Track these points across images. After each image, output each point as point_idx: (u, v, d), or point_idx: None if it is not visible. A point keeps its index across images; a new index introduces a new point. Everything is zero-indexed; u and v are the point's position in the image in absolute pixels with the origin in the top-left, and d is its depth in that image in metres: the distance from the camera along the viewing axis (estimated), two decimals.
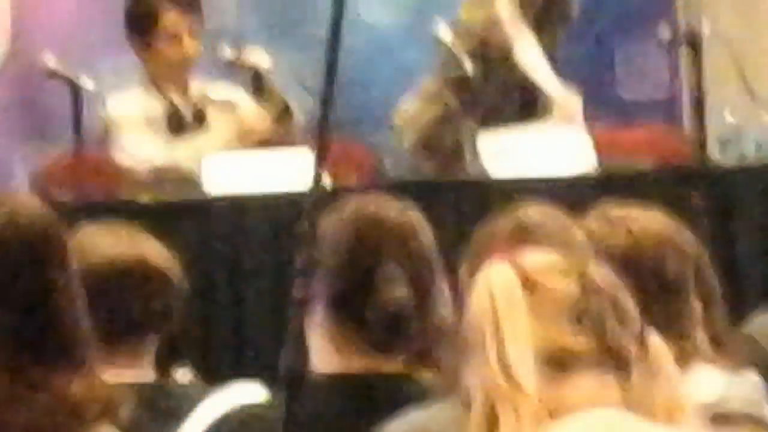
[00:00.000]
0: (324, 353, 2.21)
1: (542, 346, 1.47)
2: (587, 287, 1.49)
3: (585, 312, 1.48)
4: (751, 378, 2.29)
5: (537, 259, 1.54)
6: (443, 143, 4.47)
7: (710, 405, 2.01)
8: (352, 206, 2.24)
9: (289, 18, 5.49)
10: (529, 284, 1.48)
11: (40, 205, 1.96)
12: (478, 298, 1.50)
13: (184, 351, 3.27)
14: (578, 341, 1.45)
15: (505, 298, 1.51)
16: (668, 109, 5.55)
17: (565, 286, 1.50)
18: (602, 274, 1.53)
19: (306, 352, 2.05)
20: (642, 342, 1.53)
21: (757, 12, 6.15)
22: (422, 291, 2.14)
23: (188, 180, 4.45)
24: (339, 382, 2.25)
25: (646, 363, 1.50)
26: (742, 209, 4.30)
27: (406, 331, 2.16)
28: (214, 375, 3.17)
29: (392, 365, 2.20)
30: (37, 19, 5.78)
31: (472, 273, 1.66)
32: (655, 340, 1.54)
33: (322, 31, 1.73)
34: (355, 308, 2.15)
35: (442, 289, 2.19)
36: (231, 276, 4.25)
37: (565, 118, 4.53)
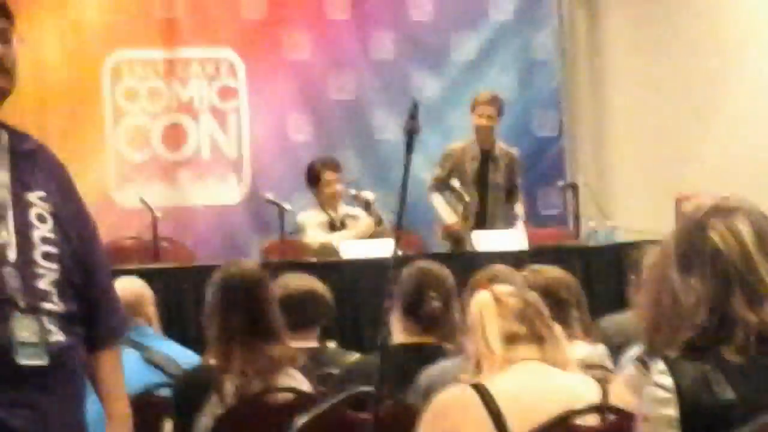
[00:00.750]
0: (398, 333, 3.76)
1: (503, 331, 2.76)
2: (525, 302, 2.80)
3: (523, 314, 2.78)
4: (600, 348, 3.86)
5: (501, 288, 2.88)
6: (456, 236, 7.05)
7: (582, 359, 3.38)
8: (412, 265, 3.96)
9: (382, 175, 8.02)
10: (497, 301, 2.79)
11: (256, 265, 4.17)
12: (473, 308, 2.81)
13: (331, 333, 4.90)
14: (520, 329, 2.76)
15: (485, 308, 2.79)
16: (562, 220, 8.34)
17: (514, 302, 2.79)
18: (532, 296, 2.86)
19: (390, 333, 3.59)
20: (550, 329, 2.83)
21: (607, 169, 8.59)
22: (447, 305, 3.75)
23: (335, 251, 6.96)
24: (405, 348, 3.75)
25: (553, 339, 2.84)
26: (598, 267, 6.67)
27: (438, 324, 3.73)
28: (346, 345, 4.90)
29: (431, 340, 3.75)
30: (263, 170, 8.39)
31: (470, 296, 3.00)
32: (557, 328, 2.85)
33: (398, 179, 2.85)
34: (416, 312, 3.74)
35: (457, 304, 3.67)
36: (354, 297, 6.39)
37: (516, 226, 7.07)
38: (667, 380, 2.41)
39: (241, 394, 3.96)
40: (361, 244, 6.88)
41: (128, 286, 4.62)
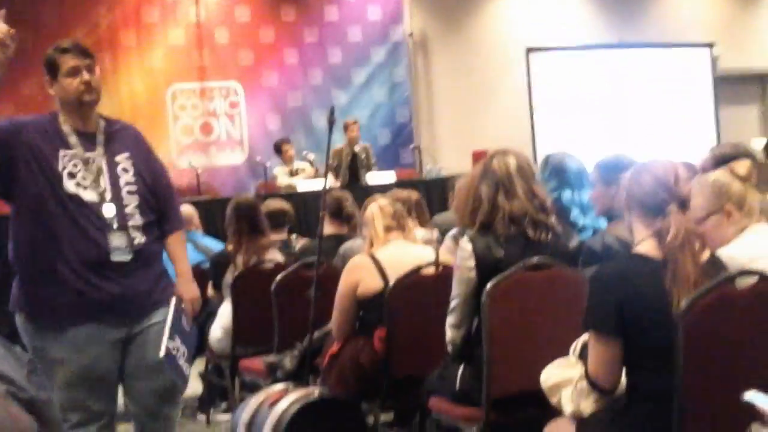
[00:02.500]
0: (328, 228, 4.96)
1: (383, 224, 4.07)
2: (394, 207, 4.12)
3: (393, 215, 4.10)
4: (435, 232, 4.96)
5: (382, 201, 4.41)
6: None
7: (423, 238, 4.72)
8: (334, 192, 5.37)
9: (317, 145, 9.97)
10: (380, 208, 4.16)
11: (252, 196, 6.53)
12: (368, 212, 4.15)
13: (293, 230, 5.51)
14: (392, 223, 4.10)
15: (375, 211, 4.12)
16: (413, 166, 10.36)
17: (388, 208, 4.14)
18: (397, 205, 4.17)
19: (323, 228, 4.31)
20: (408, 222, 4.23)
21: (435, 137, 11.03)
22: (353, 211, 5.07)
23: (294, 188, 8.89)
24: (332, 236, 4.96)
25: (410, 228, 4.22)
26: (432, 189, 8.82)
27: (350, 221, 5.15)
28: (301, 235, 5.69)
29: (346, 231, 5.08)
30: (254, 146, 10.25)
31: (366, 207, 4.21)
32: (412, 222, 4.39)
33: (324, 147, 6.58)
34: (338, 215, 5.14)
35: (358, 212, 4.79)
36: (305, 210, 8.04)
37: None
38: (468, 246, 3.29)
39: (245, 265, 4.96)
40: (307, 183, 9.22)
41: (185, 209, 5.73)
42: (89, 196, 3.21)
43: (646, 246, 2.69)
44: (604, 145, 10.89)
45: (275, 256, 5.02)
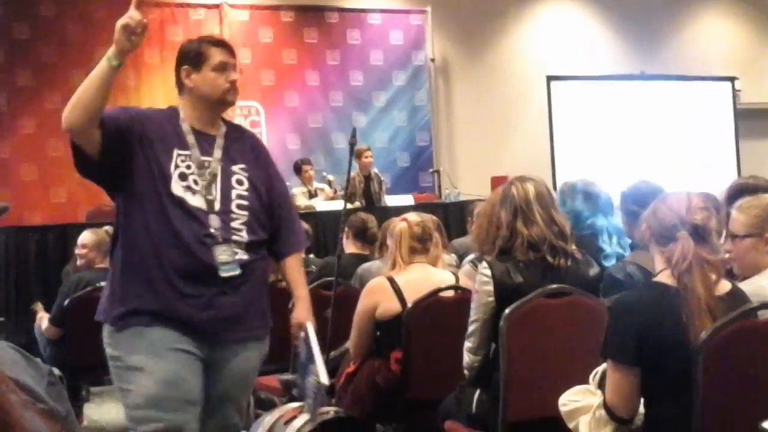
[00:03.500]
0: (349, 247, 5.20)
1: (408, 246, 4.05)
2: (422, 229, 4.08)
3: (419, 237, 4.08)
4: (452, 256, 5.18)
5: (411, 218, 4.24)
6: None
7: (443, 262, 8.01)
8: (357, 214, 5.50)
9: (336, 167, 9.95)
10: (409, 227, 4.07)
11: None
12: (395, 231, 4.07)
13: (312, 250, 6.52)
14: (417, 245, 4.07)
15: (402, 231, 4.04)
16: (432, 189, 10.45)
17: (417, 228, 4.04)
18: (426, 226, 4.06)
19: (343, 248, 4.80)
20: (432, 245, 4.12)
21: (455, 161, 10.93)
22: (377, 232, 5.09)
23: (313, 208, 8.72)
24: (353, 255, 5.08)
25: (433, 251, 4.12)
26: (452, 213, 8.55)
27: (373, 242, 5.14)
28: (319, 255, 6.72)
29: (367, 251, 5.18)
30: None
31: (390, 227, 4.33)
32: (438, 245, 4.20)
33: (345, 168, 6.70)
34: (362, 236, 5.23)
35: (380, 233, 4.91)
36: (323, 231, 8.11)
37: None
38: (488, 271, 3.28)
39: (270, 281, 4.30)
40: (326, 204, 9.15)
41: None
42: (196, 201, 3.00)
43: (664, 276, 2.71)
44: (623, 176, 10.87)
45: None
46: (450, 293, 3.94)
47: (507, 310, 3.26)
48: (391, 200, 9.27)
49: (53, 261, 7.46)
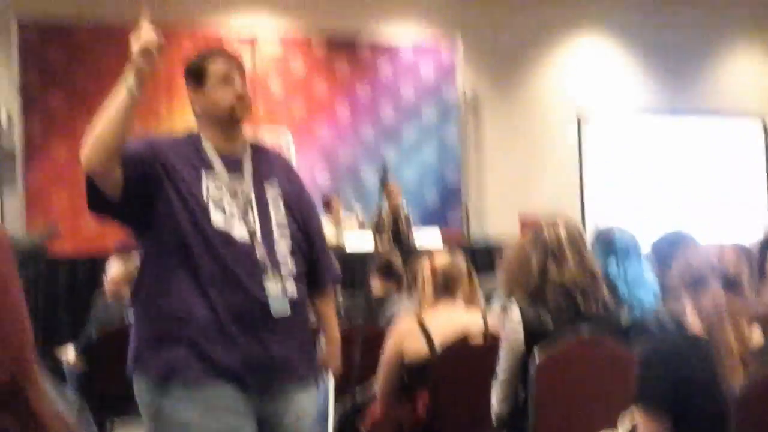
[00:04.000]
0: (375, 287, 5.13)
1: (436, 286, 4.02)
2: (452, 268, 3.99)
3: (448, 277, 4.02)
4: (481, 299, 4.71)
5: (439, 259, 4.11)
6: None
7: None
8: (381, 255, 5.74)
9: (366, 203, 9.71)
10: (433, 267, 4.03)
11: None
12: (422, 271, 4.07)
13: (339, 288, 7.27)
14: (446, 285, 4.00)
15: (425, 270, 4.12)
16: (460, 227, 10.15)
17: (445, 268, 3.98)
18: (455, 266, 4.02)
19: (370, 287, 5.15)
20: (462, 286, 4.06)
21: (484, 201, 10.89)
22: (403, 273, 5.02)
23: (342, 245, 8.41)
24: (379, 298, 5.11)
25: (462, 293, 4.06)
26: (480, 255, 8.11)
27: (400, 281, 5.05)
28: (347, 294, 7.23)
29: (394, 290, 5.11)
30: None
31: (418, 266, 4.12)
32: (472, 286, 4.20)
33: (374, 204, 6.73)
34: (388, 274, 5.19)
35: (408, 273, 4.80)
36: (352, 269, 7.30)
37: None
38: (518, 316, 3.29)
39: None
40: (354, 241, 8.81)
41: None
42: (239, 233, 2.68)
43: (696, 326, 2.71)
44: (653, 214, 10.85)
45: None
46: (479, 338, 3.93)
47: (538, 357, 3.24)
48: (418, 238, 9.08)
49: (82, 292, 7.44)
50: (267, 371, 2.66)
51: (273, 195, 2.79)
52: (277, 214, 2.77)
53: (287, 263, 2.73)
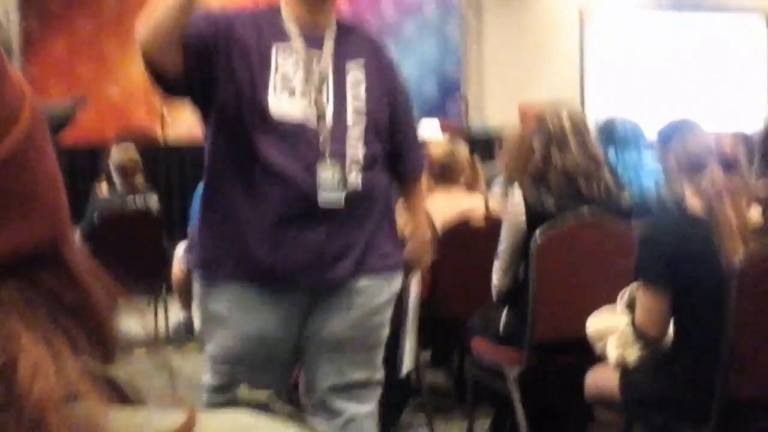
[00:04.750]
0: None
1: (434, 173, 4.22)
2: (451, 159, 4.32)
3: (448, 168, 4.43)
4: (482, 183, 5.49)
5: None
6: None
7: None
8: None
9: None
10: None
11: None
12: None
13: None
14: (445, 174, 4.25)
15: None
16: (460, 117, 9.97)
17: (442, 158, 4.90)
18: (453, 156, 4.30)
19: None
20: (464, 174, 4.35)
21: (484, 91, 11.01)
22: None
23: None
24: None
25: (464, 180, 4.36)
26: (481, 143, 8.31)
27: None
28: None
29: None
30: None
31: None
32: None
33: None
34: None
35: None
36: None
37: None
38: (519, 195, 3.37)
39: None
40: None
41: None
42: (304, 113, 2.44)
43: (695, 207, 2.75)
44: (654, 108, 10.81)
45: None
46: (480, 221, 3.98)
47: (538, 233, 3.30)
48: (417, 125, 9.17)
49: (82, 182, 7.50)
50: (314, 266, 2.46)
51: (355, 76, 2.52)
52: (356, 97, 2.50)
53: (357, 151, 2.47)
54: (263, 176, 2.42)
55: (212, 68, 2.43)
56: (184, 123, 10.67)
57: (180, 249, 5.93)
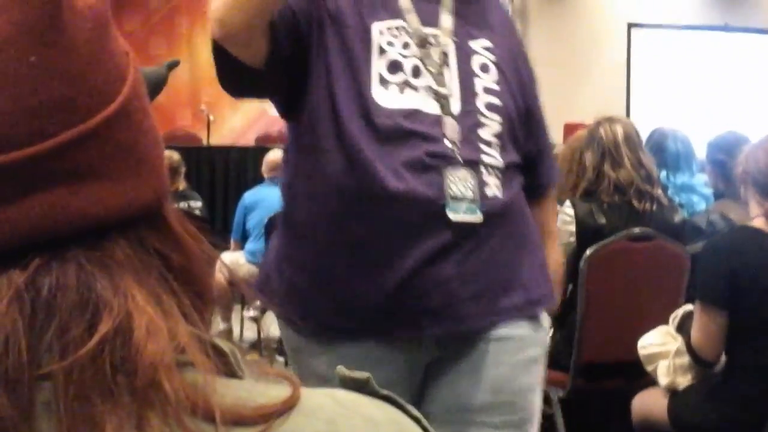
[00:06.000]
0: None
1: None
2: None
3: None
4: None
5: None
6: None
7: None
8: None
9: None
10: None
11: None
12: None
13: None
14: None
15: None
16: None
17: None
18: None
19: None
20: None
21: None
22: None
23: None
24: None
25: None
26: None
27: None
28: None
29: None
30: None
31: None
32: None
33: None
34: None
35: None
36: None
37: None
38: (570, 211, 3.32)
39: None
40: None
41: (276, 154, 6.07)
42: (419, 101, 1.82)
43: (758, 222, 2.69)
44: (700, 130, 10.72)
45: None
46: None
47: (588, 251, 3.25)
48: None
49: None
50: (443, 310, 1.78)
51: (482, 52, 1.93)
52: (487, 79, 1.91)
53: (492, 151, 1.85)
54: (369, 191, 1.76)
55: (303, 52, 1.83)
56: (227, 125, 10.86)
57: (225, 256, 5.92)
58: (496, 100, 1.88)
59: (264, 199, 5.95)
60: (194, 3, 10.78)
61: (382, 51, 1.84)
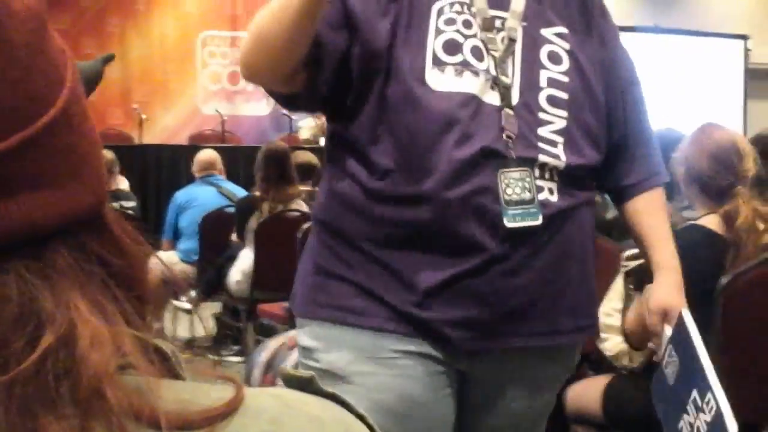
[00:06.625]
0: None
1: None
2: None
3: None
4: None
5: None
6: None
7: None
8: None
9: None
10: None
11: (284, 144, 7.04)
12: None
13: (319, 182, 6.04)
14: None
15: None
16: None
17: None
18: None
19: None
20: None
21: None
22: None
23: (318, 141, 9.38)
24: None
25: None
26: None
27: None
28: None
29: None
30: None
31: None
32: None
33: None
34: None
35: None
36: None
37: None
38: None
39: (271, 212, 5.08)
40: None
41: (208, 154, 6.35)
42: (476, 88, 1.67)
43: (708, 221, 2.67)
44: None
45: (301, 206, 5.07)
46: None
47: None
48: None
49: None
50: (482, 324, 1.68)
51: (555, 40, 1.78)
52: (556, 71, 1.75)
53: (554, 150, 1.70)
54: (414, 186, 1.65)
55: (349, 62, 1.70)
56: (160, 124, 10.74)
57: (160, 255, 5.85)
58: (561, 93, 1.73)
59: (196, 198, 5.91)
60: (125, 1, 10.76)
61: (438, 30, 1.69)
